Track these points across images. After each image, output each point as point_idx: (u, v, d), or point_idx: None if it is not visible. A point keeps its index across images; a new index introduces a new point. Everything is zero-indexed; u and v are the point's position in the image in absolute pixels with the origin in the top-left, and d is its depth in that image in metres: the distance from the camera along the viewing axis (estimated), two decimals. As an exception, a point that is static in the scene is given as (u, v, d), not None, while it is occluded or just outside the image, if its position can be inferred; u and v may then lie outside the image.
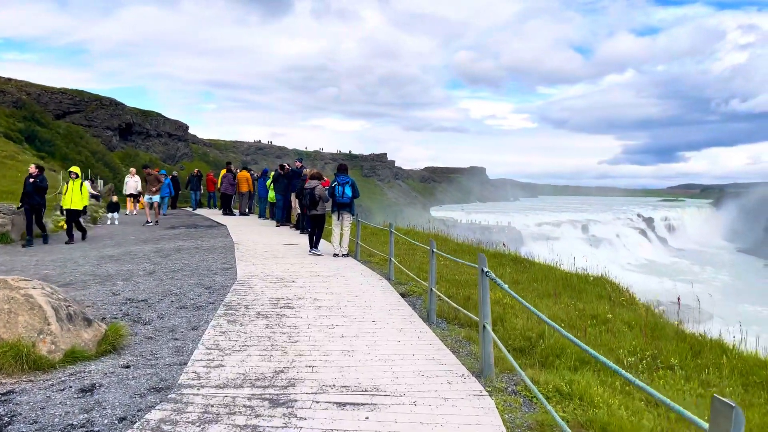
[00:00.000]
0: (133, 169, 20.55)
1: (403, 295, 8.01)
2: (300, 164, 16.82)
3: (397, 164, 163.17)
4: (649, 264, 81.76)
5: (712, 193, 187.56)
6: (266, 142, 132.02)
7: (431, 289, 6.58)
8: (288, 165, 17.06)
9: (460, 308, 5.75)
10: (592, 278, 9.11)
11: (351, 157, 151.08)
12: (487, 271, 4.43)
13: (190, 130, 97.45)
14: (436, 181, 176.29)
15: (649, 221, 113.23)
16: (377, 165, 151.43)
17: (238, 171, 22.08)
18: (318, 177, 11.94)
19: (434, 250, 6.57)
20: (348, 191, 11.29)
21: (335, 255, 11.57)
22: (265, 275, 9.12)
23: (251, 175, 21.95)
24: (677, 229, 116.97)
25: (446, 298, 6.25)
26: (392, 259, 9.14)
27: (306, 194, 11.72)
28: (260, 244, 13.23)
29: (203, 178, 26.96)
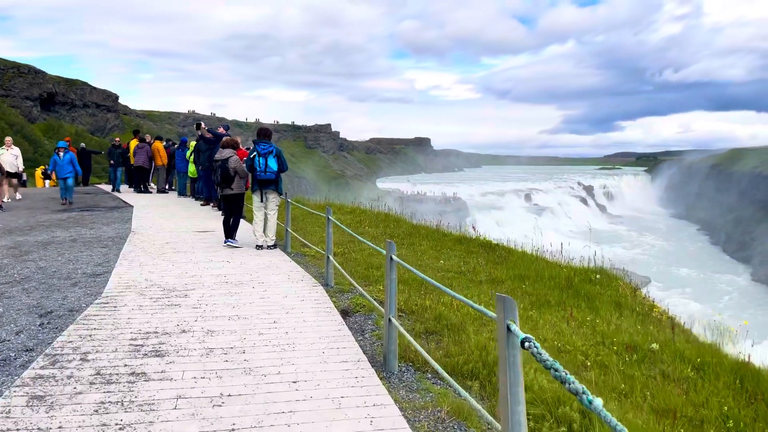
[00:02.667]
0: (8, 139, 16.02)
1: (345, 314, 5.50)
2: (225, 131, 13.79)
3: (341, 135, 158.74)
4: (590, 231, 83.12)
5: (647, 162, 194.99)
6: (209, 114, 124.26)
7: (390, 320, 4.09)
8: (205, 124, 13.88)
9: (460, 388, 3.24)
10: (597, 275, 6.89)
11: (294, 128, 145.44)
12: (525, 339, 1.95)
13: (125, 101, 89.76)
14: (382, 153, 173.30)
15: (589, 189, 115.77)
16: (321, 136, 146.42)
17: (153, 141, 18.68)
18: (232, 145, 9.07)
19: (393, 256, 4.05)
20: (272, 163, 8.53)
21: (258, 247, 8.87)
22: (148, 284, 6.36)
23: (166, 146, 18.58)
24: (615, 196, 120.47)
25: (418, 345, 3.74)
26: (330, 257, 6.56)
27: (217, 167, 8.88)
28: (164, 232, 10.31)
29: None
